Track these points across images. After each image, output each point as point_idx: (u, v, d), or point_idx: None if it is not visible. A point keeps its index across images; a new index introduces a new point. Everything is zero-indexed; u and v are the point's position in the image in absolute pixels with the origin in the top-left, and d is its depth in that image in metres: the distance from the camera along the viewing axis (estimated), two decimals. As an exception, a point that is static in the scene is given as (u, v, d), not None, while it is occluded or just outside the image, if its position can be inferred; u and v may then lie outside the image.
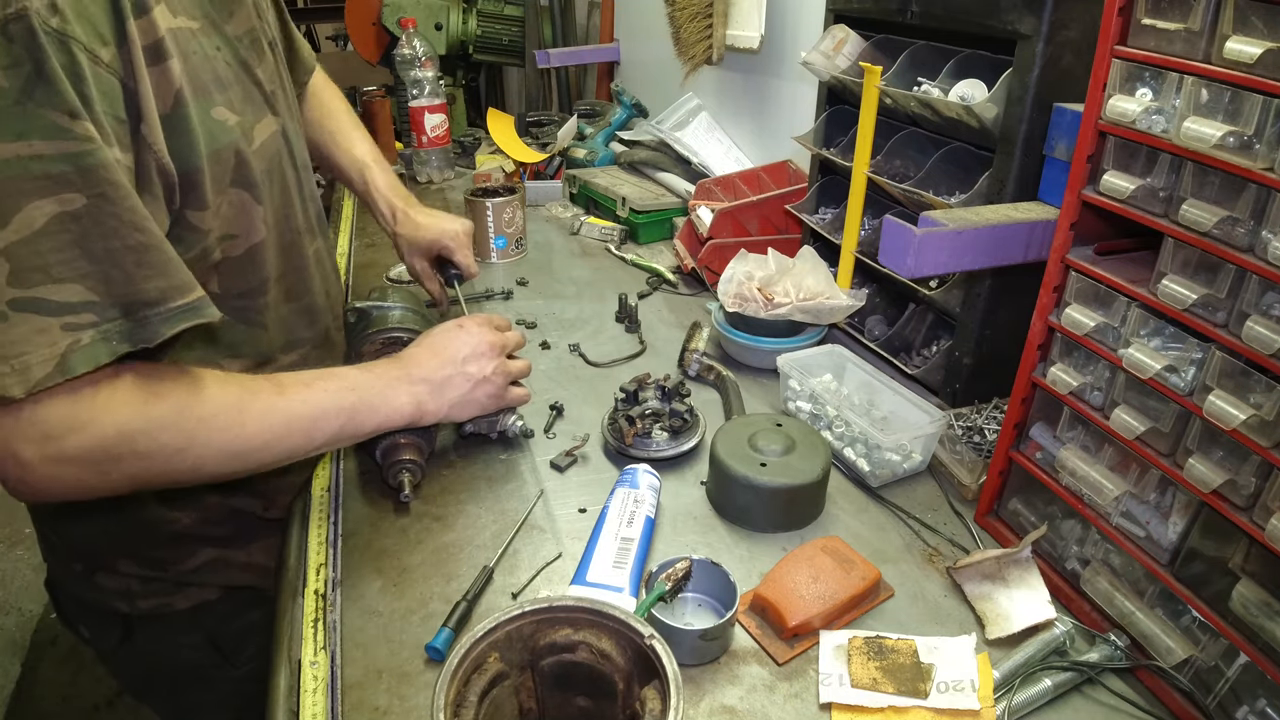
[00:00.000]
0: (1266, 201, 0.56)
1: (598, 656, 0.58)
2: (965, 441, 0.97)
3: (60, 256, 0.57)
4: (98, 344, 0.59)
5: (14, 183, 0.55)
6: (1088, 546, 0.77)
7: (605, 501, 0.87)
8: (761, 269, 1.19)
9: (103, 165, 0.59)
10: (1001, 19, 0.87)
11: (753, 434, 0.91)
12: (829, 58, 1.16)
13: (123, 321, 0.60)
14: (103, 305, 0.59)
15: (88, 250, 0.58)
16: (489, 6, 2.50)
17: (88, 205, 0.58)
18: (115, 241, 0.60)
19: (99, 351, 0.59)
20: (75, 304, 0.58)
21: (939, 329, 1.16)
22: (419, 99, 1.92)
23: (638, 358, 1.25)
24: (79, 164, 0.57)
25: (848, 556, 0.79)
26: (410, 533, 0.87)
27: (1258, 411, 0.57)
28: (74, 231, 0.58)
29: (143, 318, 0.61)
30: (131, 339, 0.61)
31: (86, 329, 0.59)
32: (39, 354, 0.57)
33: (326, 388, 0.78)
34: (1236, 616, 0.61)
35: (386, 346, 1.02)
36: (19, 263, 0.56)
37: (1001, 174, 0.93)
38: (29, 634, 2.37)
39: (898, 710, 0.66)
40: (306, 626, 0.76)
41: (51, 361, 0.57)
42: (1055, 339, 0.76)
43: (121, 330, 0.60)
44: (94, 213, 0.58)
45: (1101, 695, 0.69)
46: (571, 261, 1.62)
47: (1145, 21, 0.62)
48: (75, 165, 0.57)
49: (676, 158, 1.84)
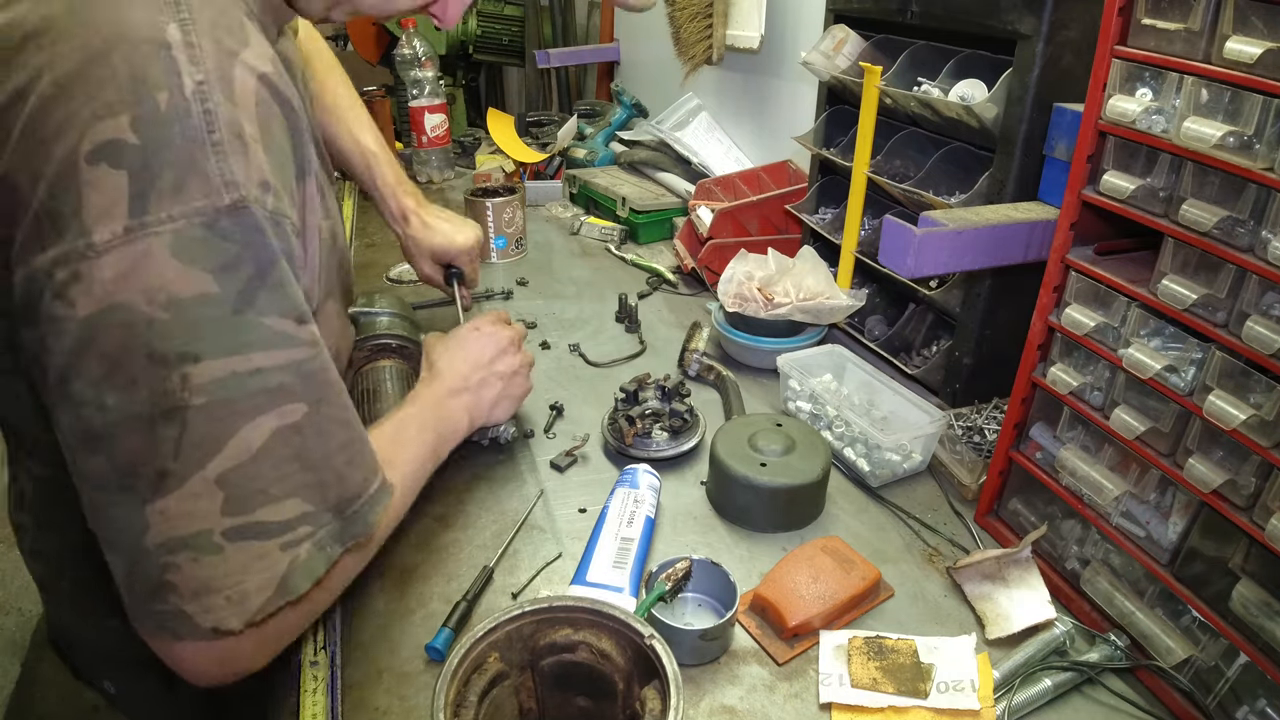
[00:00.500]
0: (1266, 201, 0.56)
1: (598, 656, 0.58)
2: (965, 441, 0.97)
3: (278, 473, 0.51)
4: (315, 556, 0.55)
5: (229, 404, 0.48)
6: (1088, 546, 0.77)
7: (605, 501, 0.87)
8: (761, 269, 1.19)
9: (323, 367, 0.53)
10: (1001, 19, 0.87)
11: (753, 434, 0.91)
12: (829, 58, 1.16)
13: (335, 523, 0.56)
14: (318, 513, 0.55)
15: (305, 461, 0.53)
16: (489, 6, 2.50)
17: (308, 414, 0.52)
18: (331, 444, 0.55)
19: (317, 564, 0.55)
20: (293, 520, 0.53)
21: (939, 329, 1.16)
22: (419, 99, 1.92)
23: (638, 358, 1.25)
24: (301, 371, 0.51)
25: (848, 556, 0.79)
26: (410, 533, 0.87)
27: (1258, 411, 0.57)
28: (294, 445, 0.52)
29: (353, 514, 0.57)
30: (343, 539, 0.57)
31: (305, 543, 0.54)
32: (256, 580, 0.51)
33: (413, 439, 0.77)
34: (1236, 616, 0.61)
35: (375, 353, 1.00)
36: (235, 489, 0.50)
37: (1001, 174, 0.93)
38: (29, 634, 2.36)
39: (898, 710, 0.66)
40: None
41: (271, 585, 0.52)
42: (1055, 339, 0.76)
43: (335, 532, 0.56)
44: (314, 420, 0.53)
45: (1101, 695, 0.69)
46: (571, 261, 1.62)
47: (1145, 21, 0.62)
48: (298, 374, 0.51)
49: (676, 158, 1.84)
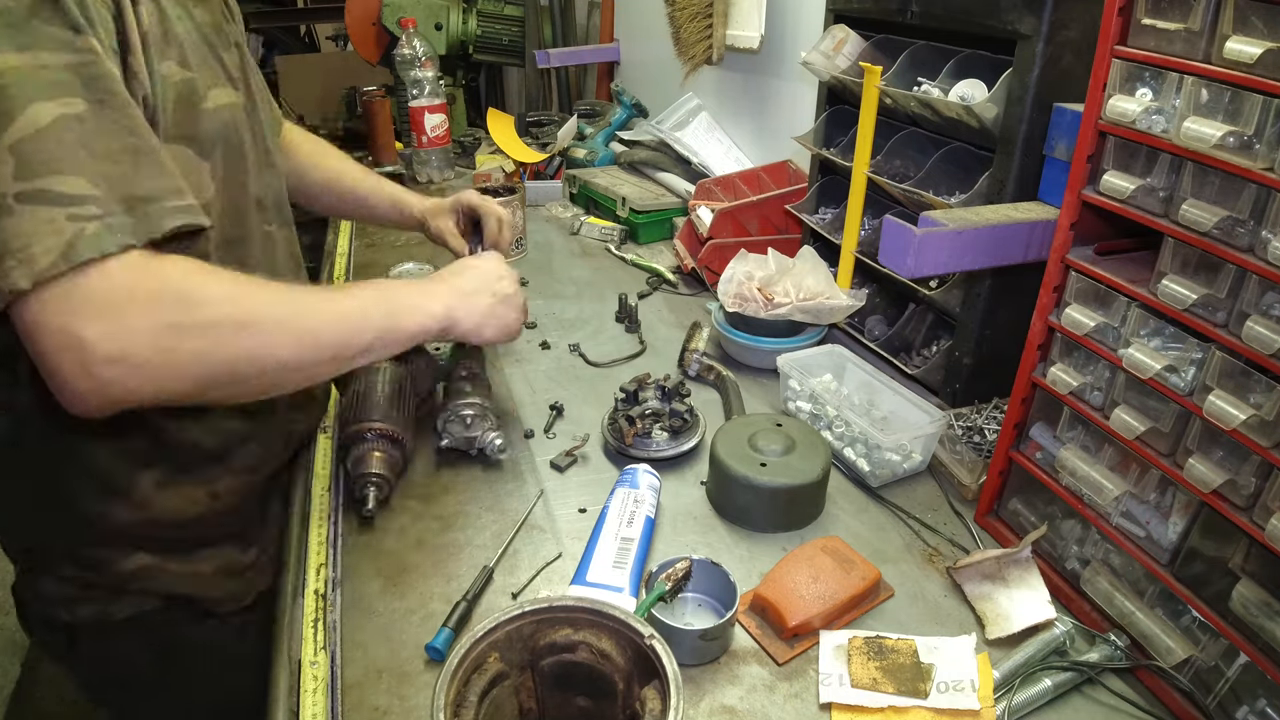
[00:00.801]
0: (1266, 201, 0.56)
1: (598, 656, 0.58)
2: (965, 441, 0.97)
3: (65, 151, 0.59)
4: (103, 234, 0.60)
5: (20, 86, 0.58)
6: (1088, 546, 0.77)
7: (605, 501, 0.87)
8: (761, 269, 1.19)
9: (104, 75, 0.61)
10: (1001, 19, 0.87)
11: (753, 434, 0.91)
12: (829, 58, 1.16)
13: (124, 217, 0.61)
14: (105, 199, 0.60)
15: (90, 148, 0.60)
16: (489, 6, 2.50)
17: (89, 109, 0.60)
18: (114, 142, 0.62)
19: (104, 240, 0.60)
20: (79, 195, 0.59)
21: (939, 329, 1.16)
22: (419, 99, 1.92)
23: (638, 358, 1.25)
24: (82, 74, 0.60)
25: (848, 556, 0.79)
26: (410, 533, 0.87)
27: (1258, 411, 0.57)
28: (76, 131, 0.60)
29: (143, 214, 0.62)
30: (135, 233, 0.62)
31: (93, 221, 0.60)
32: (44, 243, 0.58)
33: (364, 291, 0.80)
34: (1236, 616, 0.61)
35: None
36: (24, 157, 0.58)
37: (1001, 174, 0.93)
38: (29, 634, 2.37)
39: (898, 710, 0.66)
40: (306, 626, 0.76)
41: (57, 250, 0.58)
42: (1055, 339, 0.76)
43: (124, 225, 0.61)
44: (95, 116, 0.61)
45: (1101, 695, 0.69)
46: (571, 261, 1.62)
47: (1145, 21, 0.62)
48: (78, 75, 0.60)
49: (676, 158, 1.84)
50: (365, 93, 2.10)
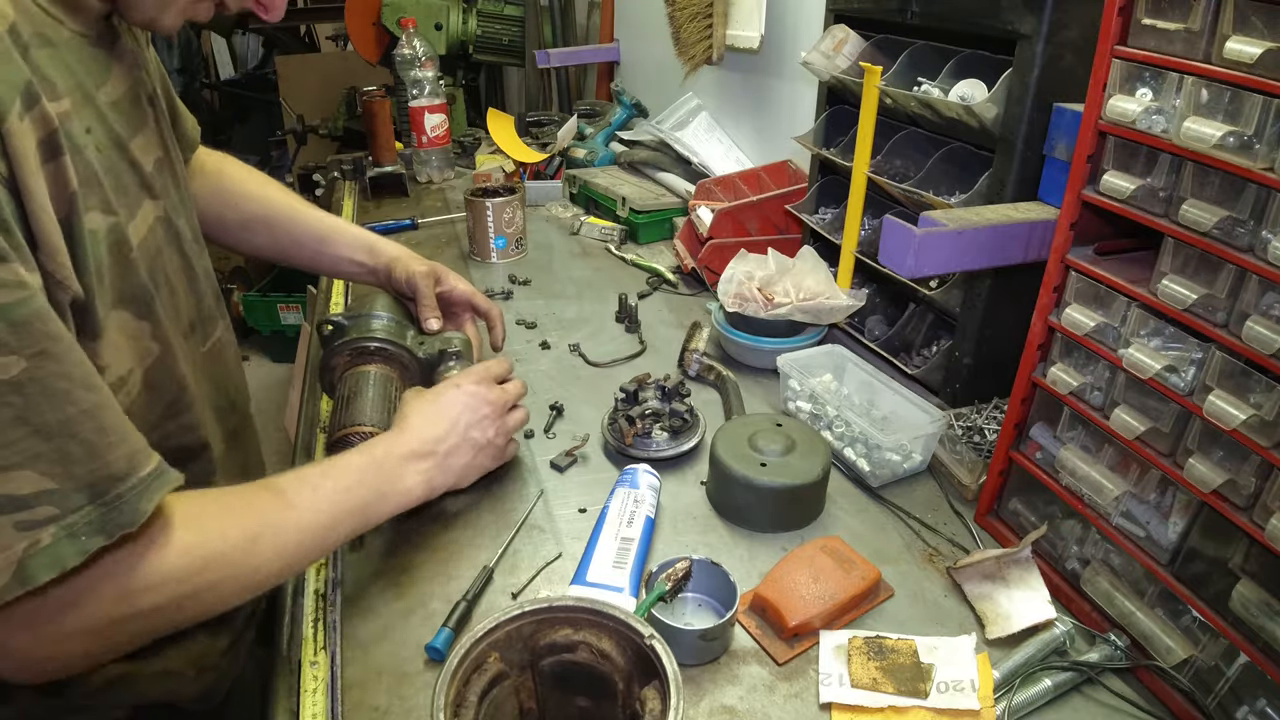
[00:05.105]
0: (1266, 201, 0.56)
1: (598, 656, 0.58)
2: (965, 441, 0.97)
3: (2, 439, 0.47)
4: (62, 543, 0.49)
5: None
6: (1088, 546, 0.77)
7: (605, 501, 0.87)
8: (761, 269, 1.19)
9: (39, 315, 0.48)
10: (1001, 19, 0.87)
11: (753, 434, 0.91)
12: (829, 58, 1.16)
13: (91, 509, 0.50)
14: (64, 493, 0.49)
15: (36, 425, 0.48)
16: (489, 6, 2.50)
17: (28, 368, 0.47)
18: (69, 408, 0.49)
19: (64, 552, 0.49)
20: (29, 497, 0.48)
21: (939, 329, 1.16)
22: (419, 99, 1.92)
23: (638, 358, 1.25)
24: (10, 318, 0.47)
25: (848, 556, 0.79)
26: (410, 533, 0.87)
27: (1258, 411, 0.57)
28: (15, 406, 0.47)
29: (115, 498, 0.51)
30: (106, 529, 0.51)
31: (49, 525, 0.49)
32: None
33: (335, 487, 0.70)
34: (1236, 616, 0.61)
35: (355, 357, 0.97)
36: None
37: (1001, 174, 0.93)
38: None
39: (898, 710, 0.66)
40: (306, 626, 0.76)
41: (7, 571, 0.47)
42: (1055, 339, 0.76)
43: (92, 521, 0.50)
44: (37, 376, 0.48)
45: (1101, 695, 0.69)
46: (571, 261, 1.62)
47: (1145, 21, 0.62)
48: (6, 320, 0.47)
49: (676, 158, 1.84)
50: (365, 93, 2.09)
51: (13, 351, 0.47)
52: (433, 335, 1.02)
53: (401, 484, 0.76)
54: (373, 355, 0.97)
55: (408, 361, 0.99)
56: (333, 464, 0.73)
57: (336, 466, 0.73)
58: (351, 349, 0.97)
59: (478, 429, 0.85)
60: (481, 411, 0.86)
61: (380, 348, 0.97)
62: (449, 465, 0.81)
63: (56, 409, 0.49)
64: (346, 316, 1.00)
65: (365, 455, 0.76)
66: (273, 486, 0.68)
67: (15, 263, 0.48)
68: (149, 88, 0.75)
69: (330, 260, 1.09)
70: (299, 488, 0.68)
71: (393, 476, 0.76)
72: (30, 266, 0.49)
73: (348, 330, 0.98)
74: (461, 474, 0.84)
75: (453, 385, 0.86)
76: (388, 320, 1.00)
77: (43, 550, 0.48)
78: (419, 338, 1.01)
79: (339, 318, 0.99)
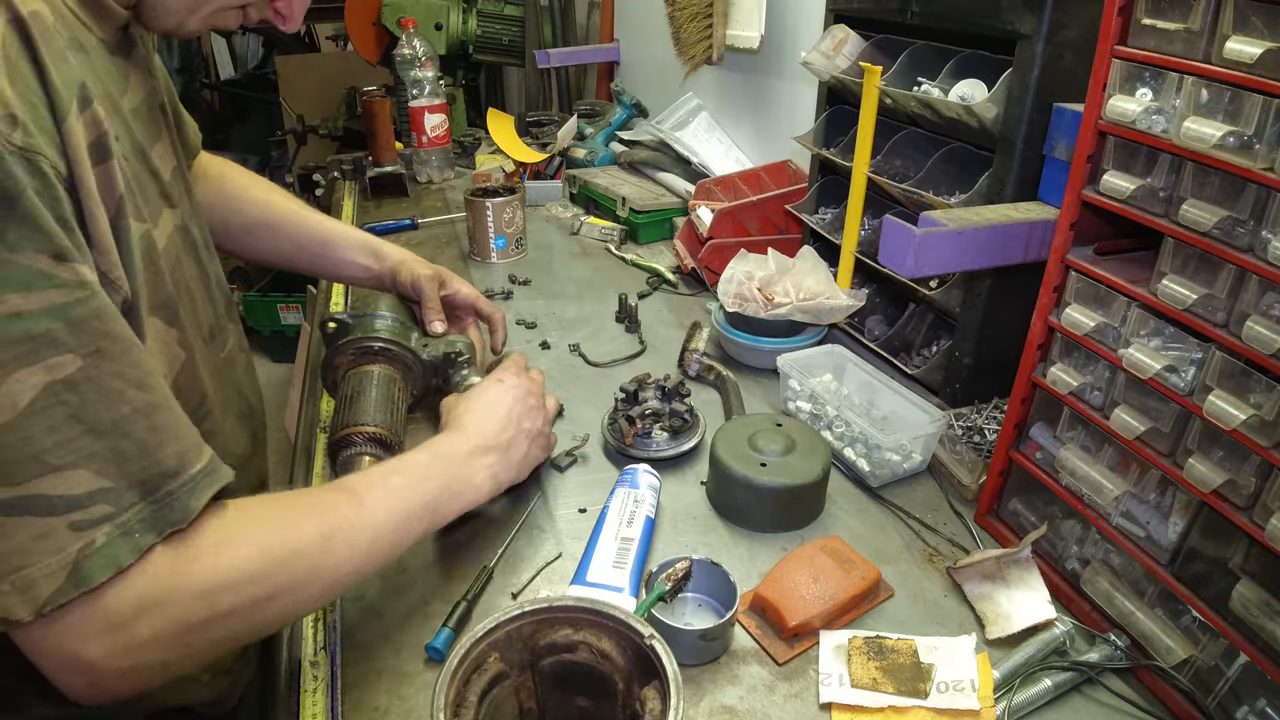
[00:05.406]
0: (1266, 201, 0.56)
1: (598, 656, 0.58)
2: (965, 441, 0.97)
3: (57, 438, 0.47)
4: (117, 541, 0.49)
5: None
6: (1088, 546, 0.77)
7: (605, 501, 0.87)
8: (761, 269, 1.19)
9: (96, 314, 0.49)
10: (1001, 19, 0.87)
11: (753, 434, 0.91)
12: (829, 58, 1.16)
13: (143, 506, 0.51)
14: (117, 491, 0.49)
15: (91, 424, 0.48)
16: (489, 6, 2.50)
17: (84, 367, 0.48)
18: (123, 407, 0.49)
19: (119, 551, 0.49)
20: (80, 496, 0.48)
21: (939, 329, 1.16)
22: (419, 99, 1.92)
23: (638, 358, 1.25)
24: (68, 317, 0.47)
25: (848, 556, 0.79)
26: (410, 533, 0.87)
27: (1258, 411, 0.57)
28: (71, 404, 0.47)
29: (166, 495, 0.52)
30: (157, 527, 0.51)
31: (103, 525, 0.49)
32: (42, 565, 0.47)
33: (405, 483, 0.70)
34: (1236, 616, 0.61)
35: (359, 356, 0.96)
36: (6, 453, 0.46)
37: (1001, 174, 0.93)
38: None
39: (898, 710, 0.66)
40: (306, 626, 0.76)
41: (62, 573, 0.47)
42: (1055, 339, 0.76)
43: (145, 518, 0.50)
44: (92, 375, 0.48)
45: (1101, 695, 0.69)
46: (571, 261, 1.62)
47: (1145, 21, 0.62)
48: (64, 319, 0.47)
49: (676, 158, 1.84)
50: (365, 93, 2.10)
51: (70, 350, 0.47)
52: (437, 338, 1.03)
53: (471, 480, 0.77)
54: (376, 355, 0.97)
55: (411, 363, 0.99)
56: (401, 461, 0.74)
57: (405, 464, 0.73)
58: (355, 348, 0.97)
59: (529, 419, 0.86)
60: (529, 402, 0.87)
61: (384, 348, 0.97)
62: (510, 458, 0.82)
63: (111, 408, 0.49)
64: (350, 315, 1.00)
65: (431, 452, 0.76)
66: (342, 486, 0.68)
67: (76, 262, 0.48)
68: (161, 96, 0.75)
69: (334, 264, 1.09)
70: (369, 486, 0.68)
71: (462, 473, 0.76)
72: (89, 265, 0.50)
73: (351, 329, 0.98)
74: (521, 466, 0.85)
75: (495, 380, 0.87)
76: (392, 321, 1.00)
77: (98, 550, 0.48)
78: (423, 340, 1.01)
79: (343, 316, 0.99)
